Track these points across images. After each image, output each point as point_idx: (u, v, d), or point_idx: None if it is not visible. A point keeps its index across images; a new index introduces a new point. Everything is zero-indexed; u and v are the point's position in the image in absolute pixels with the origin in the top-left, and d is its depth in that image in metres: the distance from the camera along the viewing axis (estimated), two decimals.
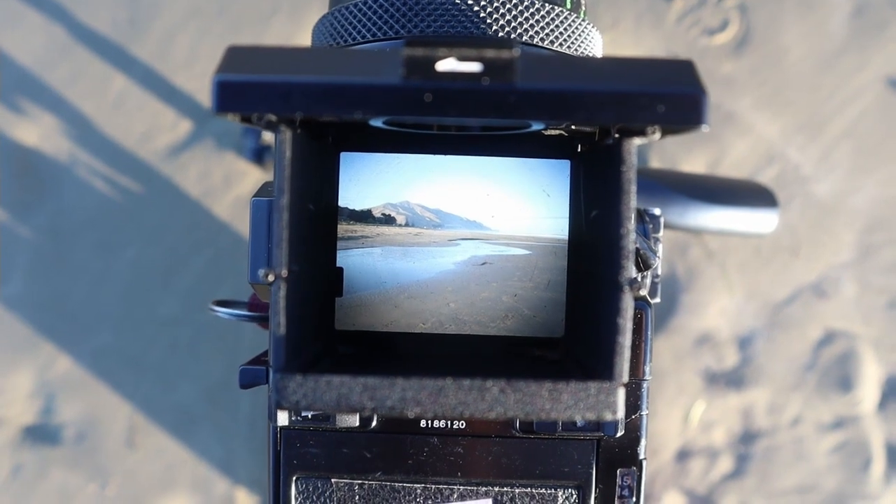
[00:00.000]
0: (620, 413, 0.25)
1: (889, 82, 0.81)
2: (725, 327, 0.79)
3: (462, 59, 0.24)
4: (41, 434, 0.80)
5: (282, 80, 0.24)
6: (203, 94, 0.81)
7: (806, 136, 0.80)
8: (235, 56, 0.25)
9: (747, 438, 0.79)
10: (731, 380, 0.79)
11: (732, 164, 0.80)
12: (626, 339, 0.25)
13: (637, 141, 0.26)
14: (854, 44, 0.80)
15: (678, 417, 0.79)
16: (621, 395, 0.25)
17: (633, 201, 0.25)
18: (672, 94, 0.24)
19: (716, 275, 0.80)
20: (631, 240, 0.25)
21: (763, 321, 0.79)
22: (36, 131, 0.81)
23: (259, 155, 0.81)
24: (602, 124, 0.25)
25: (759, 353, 0.79)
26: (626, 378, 0.25)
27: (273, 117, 0.25)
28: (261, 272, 0.25)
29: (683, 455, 0.79)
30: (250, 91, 0.24)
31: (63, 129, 0.81)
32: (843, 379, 0.79)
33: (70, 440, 0.80)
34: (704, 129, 0.24)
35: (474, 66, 0.24)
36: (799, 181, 0.80)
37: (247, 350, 0.80)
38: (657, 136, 0.25)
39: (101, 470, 0.80)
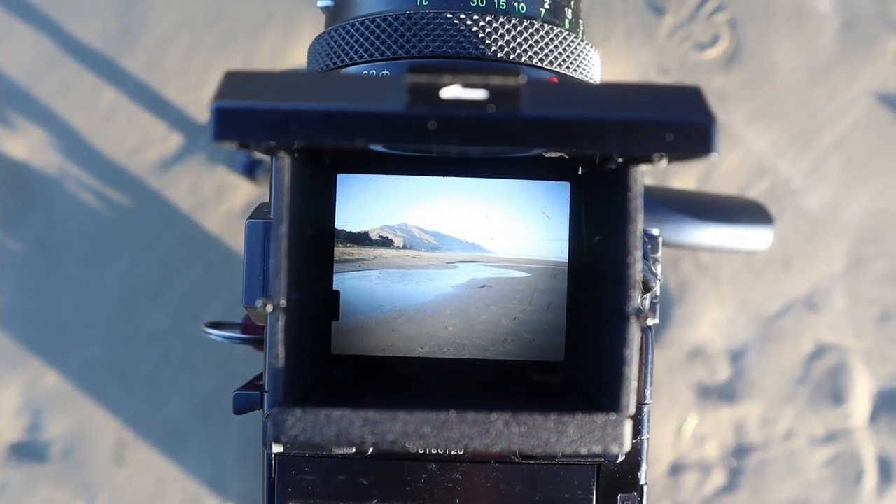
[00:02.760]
0: (627, 446, 0.25)
1: (878, 96, 0.81)
2: (717, 340, 0.79)
3: (467, 86, 0.23)
4: (28, 451, 0.79)
5: (281, 108, 0.24)
6: (195, 106, 0.81)
7: (797, 149, 0.80)
8: (233, 82, 0.25)
9: (740, 452, 0.79)
10: (724, 393, 0.79)
11: (723, 177, 0.81)
12: (632, 371, 0.25)
13: (643, 168, 0.25)
14: (844, 58, 0.81)
15: (671, 431, 0.79)
16: (628, 427, 0.25)
17: (640, 229, 0.25)
18: (680, 123, 0.24)
19: (707, 287, 0.80)
20: (638, 269, 0.25)
21: (755, 334, 0.79)
22: (25, 144, 0.80)
23: (251, 169, 0.80)
24: (609, 152, 0.24)
25: (752, 366, 0.79)
26: (633, 410, 0.25)
27: (272, 143, 0.25)
28: (258, 302, 0.24)
29: (676, 469, 0.79)
30: (249, 118, 0.24)
31: (53, 141, 0.81)
32: (834, 392, 0.79)
33: (57, 456, 0.79)
34: (713, 157, 0.24)
35: (479, 94, 0.24)
36: (790, 194, 0.80)
37: (239, 364, 0.79)
38: (664, 163, 0.25)
39: (89, 487, 0.79)
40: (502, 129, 0.23)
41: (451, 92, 0.23)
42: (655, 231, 0.34)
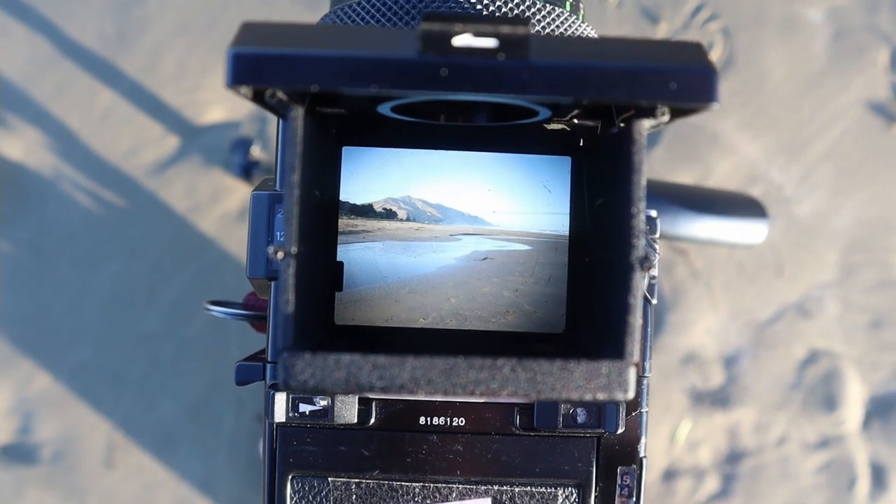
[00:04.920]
0: (632, 392, 0.25)
1: (868, 105, 0.82)
2: (711, 346, 0.80)
3: (478, 34, 0.24)
4: (17, 453, 0.78)
5: (297, 53, 0.24)
6: (191, 108, 0.81)
7: (788, 156, 0.81)
8: (250, 31, 0.25)
9: (733, 458, 0.79)
10: (717, 399, 0.79)
11: (717, 184, 0.81)
12: (636, 319, 0.25)
13: (647, 123, 0.26)
14: (834, 67, 0.82)
15: (664, 437, 0.79)
16: (632, 374, 0.26)
17: (643, 181, 0.25)
18: (683, 71, 0.25)
19: (701, 293, 0.80)
20: (641, 220, 0.25)
21: (748, 340, 0.80)
22: (20, 145, 0.80)
23: (247, 170, 0.80)
24: (614, 101, 0.25)
25: (745, 371, 0.79)
26: (636, 357, 0.25)
27: (284, 96, 0.25)
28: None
29: (670, 475, 0.79)
30: (265, 64, 0.24)
31: (48, 143, 0.81)
32: (827, 398, 0.79)
33: (47, 459, 0.78)
34: (715, 107, 0.25)
35: (490, 42, 0.24)
36: (782, 201, 0.81)
37: (230, 366, 0.79)
38: (666, 117, 0.26)
39: (79, 490, 0.78)
40: (511, 76, 0.24)
41: (463, 40, 0.24)
42: (653, 213, 0.35)
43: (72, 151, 0.80)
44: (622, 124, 0.27)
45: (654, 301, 0.34)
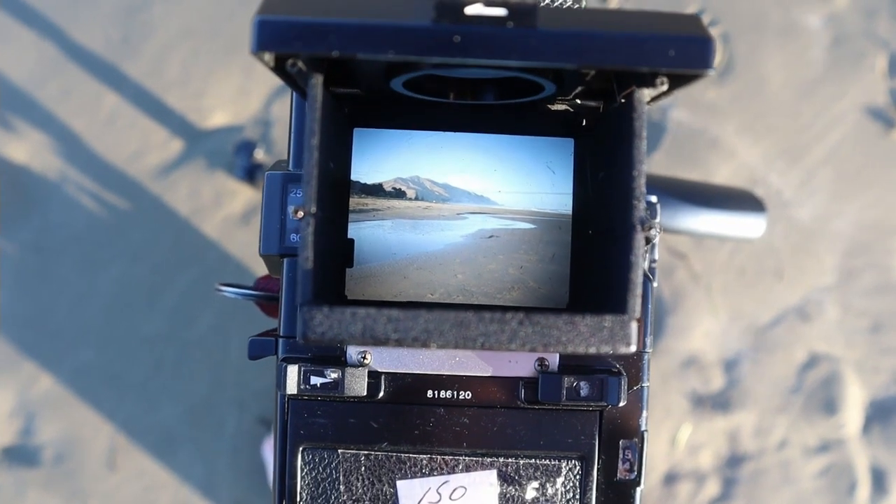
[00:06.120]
0: (633, 346, 0.26)
1: (867, 110, 0.83)
2: (711, 350, 0.80)
3: (489, 4, 0.25)
4: (19, 455, 0.78)
5: (320, 21, 0.26)
6: (196, 113, 0.82)
7: (787, 161, 0.82)
8: (273, 1, 0.26)
9: (734, 462, 0.79)
10: (718, 402, 0.80)
11: None
12: (637, 276, 0.26)
13: (647, 92, 0.27)
14: (833, 73, 0.83)
15: (665, 440, 0.79)
16: (634, 327, 0.27)
17: (644, 146, 0.26)
18: (681, 39, 0.26)
19: (701, 297, 0.81)
20: (642, 182, 0.26)
21: (748, 343, 0.80)
22: (26, 148, 0.81)
23: (250, 174, 0.81)
24: (616, 67, 0.26)
25: (745, 375, 0.80)
26: (637, 314, 0.26)
27: (303, 66, 0.27)
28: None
29: (671, 478, 0.79)
30: (289, 30, 0.26)
31: (53, 146, 0.82)
32: (827, 402, 0.80)
33: (49, 461, 0.78)
34: (710, 73, 0.26)
35: (500, 11, 0.26)
36: (781, 205, 0.81)
37: (233, 369, 0.79)
38: (665, 87, 0.27)
39: (80, 492, 0.78)
40: (520, 43, 0.26)
41: (475, 9, 0.25)
42: (654, 198, 0.36)
43: (76, 154, 0.81)
44: (623, 100, 0.28)
45: (655, 283, 0.35)
